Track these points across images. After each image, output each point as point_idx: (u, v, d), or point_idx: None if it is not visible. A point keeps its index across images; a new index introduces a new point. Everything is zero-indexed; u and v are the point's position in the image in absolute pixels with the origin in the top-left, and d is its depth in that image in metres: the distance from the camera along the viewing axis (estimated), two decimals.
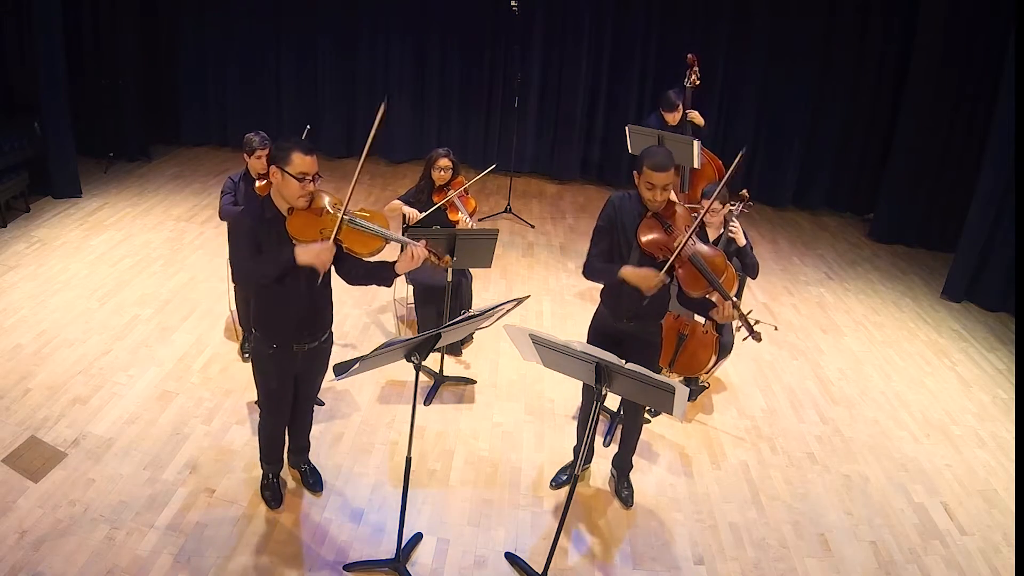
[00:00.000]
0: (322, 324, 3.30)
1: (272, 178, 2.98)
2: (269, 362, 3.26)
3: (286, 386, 3.36)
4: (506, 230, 7.25)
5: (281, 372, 3.29)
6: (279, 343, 3.20)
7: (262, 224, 3.03)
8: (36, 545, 3.19)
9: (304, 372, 3.37)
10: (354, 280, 3.25)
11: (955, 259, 6.62)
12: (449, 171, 4.93)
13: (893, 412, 4.81)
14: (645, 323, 3.49)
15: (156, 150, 8.77)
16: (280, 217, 3.02)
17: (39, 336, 4.78)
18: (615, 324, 3.51)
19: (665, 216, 3.30)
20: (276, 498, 3.58)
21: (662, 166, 3.18)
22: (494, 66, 8.89)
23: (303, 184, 2.92)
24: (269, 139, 4.34)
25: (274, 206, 3.04)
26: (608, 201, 3.43)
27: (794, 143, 8.46)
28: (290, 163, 2.90)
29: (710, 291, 3.26)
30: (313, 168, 2.94)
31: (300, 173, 2.91)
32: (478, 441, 4.20)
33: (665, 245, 3.26)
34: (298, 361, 3.27)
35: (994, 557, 3.63)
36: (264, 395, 3.40)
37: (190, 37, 8.88)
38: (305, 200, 2.98)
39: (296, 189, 2.93)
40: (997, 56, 6.63)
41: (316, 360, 3.36)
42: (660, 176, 3.17)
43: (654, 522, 3.71)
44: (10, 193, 6.51)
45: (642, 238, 3.28)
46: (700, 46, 7.81)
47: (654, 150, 3.29)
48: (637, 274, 3.26)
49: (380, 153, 9.32)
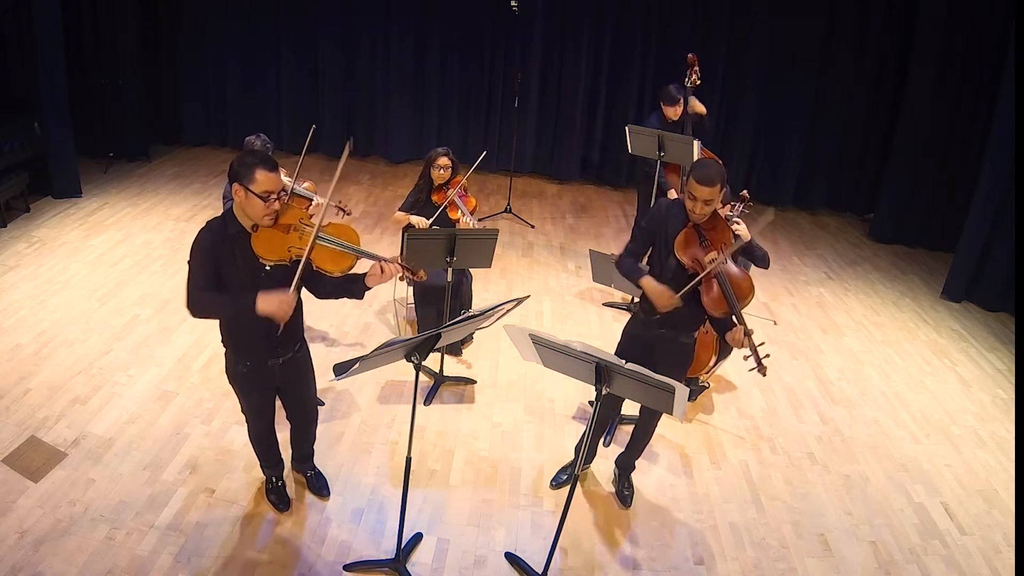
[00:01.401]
0: (293, 337, 3.18)
1: (235, 195, 2.78)
2: (246, 380, 3.18)
3: (268, 397, 3.31)
4: (506, 230, 7.24)
5: (261, 386, 3.23)
6: (252, 360, 3.11)
7: (223, 241, 2.83)
8: (36, 545, 3.19)
9: (286, 383, 3.29)
10: (323, 295, 3.12)
11: (955, 259, 6.62)
12: (448, 170, 4.93)
13: (893, 412, 4.81)
14: (678, 332, 3.50)
15: (156, 150, 8.77)
16: (244, 234, 2.83)
17: (39, 336, 4.78)
18: (645, 331, 3.52)
19: (705, 229, 3.33)
20: (283, 501, 3.57)
21: (707, 180, 3.19)
22: (494, 66, 8.89)
23: (268, 203, 2.75)
24: (272, 142, 4.34)
25: (237, 222, 2.85)
26: (656, 204, 3.52)
27: (794, 143, 8.46)
28: (253, 181, 2.71)
29: (727, 313, 3.27)
30: (278, 185, 2.77)
31: (264, 191, 2.73)
32: (478, 441, 4.20)
33: (698, 259, 3.29)
34: (276, 374, 3.19)
35: (994, 557, 3.63)
36: (247, 407, 3.34)
37: (190, 37, 8.88)
38: (271, 219, 2.81)
39: (261, 208, 2.75)
40: (997, 56, 6.63)
41: (295, 370, 3.27)
42: (703, 190, 3.20)
43: (654, 522, 3.71)
44: (10, 193, 6.51)
45: (677, 247, 3.32)
46: (700, 46, 7.82)
47: (705, 162, 3.31)
48: (655, 289, 3.31)
49: (380, 153, 9.33)
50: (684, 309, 3.33)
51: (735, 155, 8.54)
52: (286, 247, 2.85)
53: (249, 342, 3.07)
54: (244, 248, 2.84)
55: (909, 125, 7.53)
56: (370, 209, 7.52)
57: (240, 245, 2.84)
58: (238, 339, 3.09)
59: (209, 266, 2.83)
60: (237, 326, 3.04)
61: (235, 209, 2.87)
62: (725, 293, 3.27)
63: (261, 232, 2.83)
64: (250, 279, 2.87)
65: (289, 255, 2.85)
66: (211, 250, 2.83)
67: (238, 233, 2.85)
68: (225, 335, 3.12)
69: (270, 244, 2.83)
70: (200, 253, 2.84)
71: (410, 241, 4.27)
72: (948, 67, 7.22)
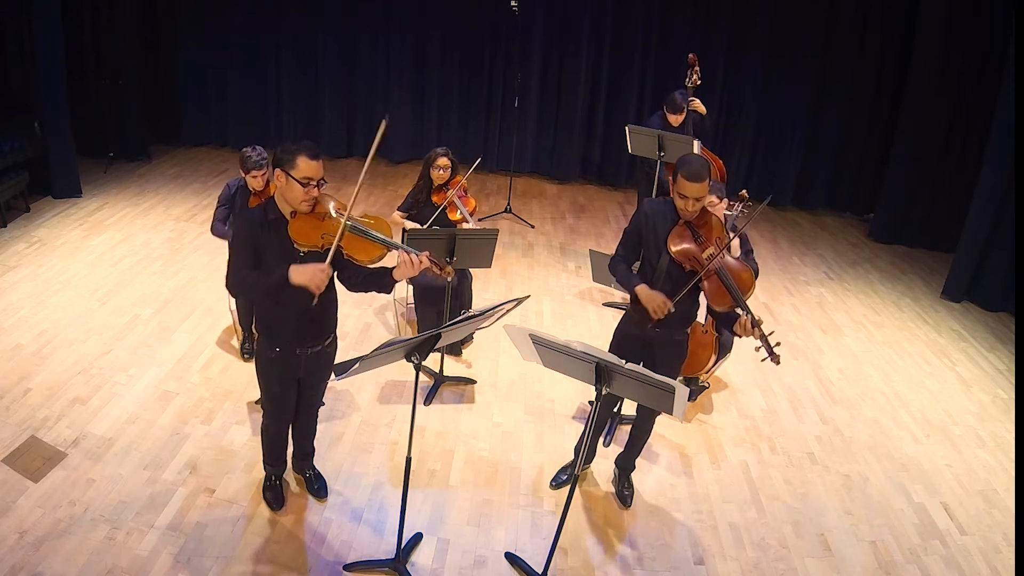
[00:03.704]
0: (326, 328, 3.28)
1: (276, 181, 2.95)
2: (272, 366, 3.25)
3: (289, 390, 3.35)
4: (506, 230, 7.24)
5: (284, 376, 3.29)
6: (282, 347, 3.19)
7: (263, 227, 2.99)
8: (36, 545, 3.19)
9: (307, 376, 3.35)
10: (354, 287, 3.24)
11: (955, 259, 6.62)
12: (448, 170, 4.93)
13: (893, 412, 4.81)
14: (672, 330, 3.49)
15: (156, 150, 8.76)
16: (283, 220, 2.99)
17: (39, 336, 4.78)
18: (640, 331, 3.51)
19: (697, 225, 3.31)
20: (278, 500, 3.58)
21: (696, 176, 3.17)
22: (494, 66, 8.89)
23: (307, 189, 2.90)
24: (267, 157, 4.33)
25: (277, 208, 3.01)
26: (640, 206, 3.47)
27: (794, 143, 8.46)
28: (295, 167, 2.87)
29: (734, 306, 3.26)
30: (318, 173, 2.92)
31: (305, 178, 2.88)
32: (478, 441, 4.20)
33: (695, 256, 3.28)
34: (301, 365, 3.26)
35: (994, 557, 3.63)
36: (267, 398, 3.40)
37: (190, 37, 8.87)
38: (308, 205, 2.95)
39: (300, 194, 2.91)
40: (997, 56, 6.63)
41: (320, 364, 3.33)
42: (693, 187, 3.18)
43: (654, 522, 3.71)
44: (10, 193, 6.50)
45: (672, 247, 3.30)
46: (700, 46, 7.82)
47: (690, 159, 3.26)
48: (649, 297, 3.30)
49: (380, 153, 9.31)
50: (678, 307, 3.32)
51: (735, 155, 8.54)
52: (319, 233, 2.97)
53: (281, 328, 3.17)
54: (281, 234, 2.98)
55: (909, 125, 7.53)
56: (370, 209, 7.50)
57: (278, 231, 2.99)
58: (271, 324, 3.20)
59: (250, 250, 3.00)
60: (270, 309, 3.16)
61: (276, 196, 3.03)
62: (728, 287, 3.26)
63: (298, 218, 2.98)
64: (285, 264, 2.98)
65: (322, 242, 2.98)
66: (251, 235, 3.00)
67: (277, 219, 3.01)
68: (259, 319, 3.30)
69: (305, 230, 2.96)
70: (241, 237, 3.05)
71: (410, 241, 4.27)
72: (948, 67, 7.22)
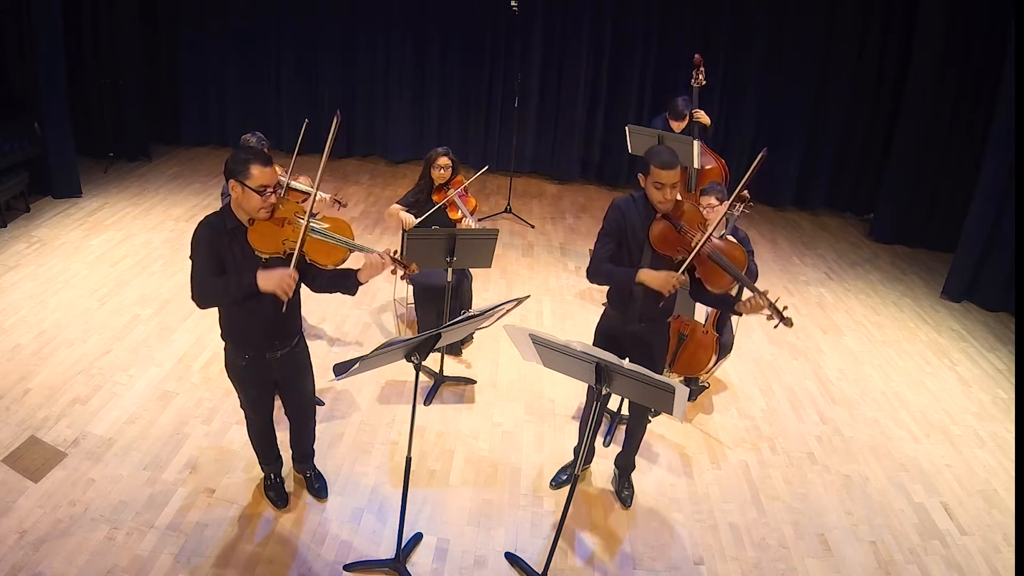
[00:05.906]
0: (292, 331, 3.24)
1: (232, 191, 2.90)
2: (245, 372, 3.22)
3: (265, 392, 3.34)
4: (506, 230, 7.24)
5: (259, 380, 3.27)
6: (252, 353, 3.16)
7: (223, 236, 2.94)
8: (36, 545, 3.19)
9: (284, 378, 3.33)
10: (318, 289, 3.19)
11: (955, 259, 6.62)
12: (448, 170, 4.93)
13: (893, 412, 4.81)
14: (655, 325, 3.50)
15: (156, 150, 8.77)
16: (242, 228, 2.94)
17: (39, 336, 4.78)
18: (623, 327, 3.51)
19: (675, 216, 3.31)
20: (281, 498, 3.58)
21: (669, 164, 3.18)
22: (494, 66, 8.89)
23: (264, 197, 2.86)
24: (267, 140, 4.35)
25: (235, 217, 2.96)
26: (612, 206, 3.42)
27: (794, 143, 8.46)
28: (249, 176, 2.84)
29: (733, 285, 3.26)
30: (273, 179, 2.89)
31: (261, 186, 2.85)
32: (478, 441, 4.20)
33: (680, 244, 3.27)
34: (274, 368, 3.23)
35: (994, 557, 3.63)
36: (246, 402, 3.38)
37: (190, 37, 8.87)
38: (267, 212, 2.91)
39: (258, 202, 2.87)
40: (997, 56, 6.63)
41: (293, 364, 3.30)
42: (667, 174, 3.18)
43: (654, 522, 3.71)
44: (10, 193, 6.50)
45: (656, 240, 3.29)
46: (700, 46, 7.79)
47: (658, 149, 3.29)
48: (656, 277, 3.27)
49: (380, 153, 9.33)
50: (663, 299, 3.32)
51: (735, 155, 8.53)
52: (280, 239, 2.94)
53: (248, 335, 3.12)
54: (242, 242, 2.94)
55: (909, 125, 7.53)
56: (370, 209, 7.51)
57: (238, 239, 2.95)
58: (237, 331, 3.14)
59: (213, 258, 2.95)
60: (237, 318, 3.10)
61: (232, 205, 2.96)
62: (724, 266, 3.25)
63: (257, 225, 2.93)
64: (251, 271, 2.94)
65: (283, 248, 2.94)
66: (211, 244, 2.94)
67: (235, 228, 2.96)
68: (225, 328, 3.18)
69: (265, 237, 2.93)
70: (201, 248, 2.96)
71: (410, 241, 4.27)
72: (948, 67, 7.21)
